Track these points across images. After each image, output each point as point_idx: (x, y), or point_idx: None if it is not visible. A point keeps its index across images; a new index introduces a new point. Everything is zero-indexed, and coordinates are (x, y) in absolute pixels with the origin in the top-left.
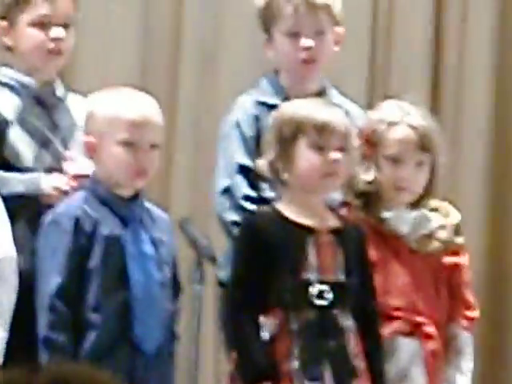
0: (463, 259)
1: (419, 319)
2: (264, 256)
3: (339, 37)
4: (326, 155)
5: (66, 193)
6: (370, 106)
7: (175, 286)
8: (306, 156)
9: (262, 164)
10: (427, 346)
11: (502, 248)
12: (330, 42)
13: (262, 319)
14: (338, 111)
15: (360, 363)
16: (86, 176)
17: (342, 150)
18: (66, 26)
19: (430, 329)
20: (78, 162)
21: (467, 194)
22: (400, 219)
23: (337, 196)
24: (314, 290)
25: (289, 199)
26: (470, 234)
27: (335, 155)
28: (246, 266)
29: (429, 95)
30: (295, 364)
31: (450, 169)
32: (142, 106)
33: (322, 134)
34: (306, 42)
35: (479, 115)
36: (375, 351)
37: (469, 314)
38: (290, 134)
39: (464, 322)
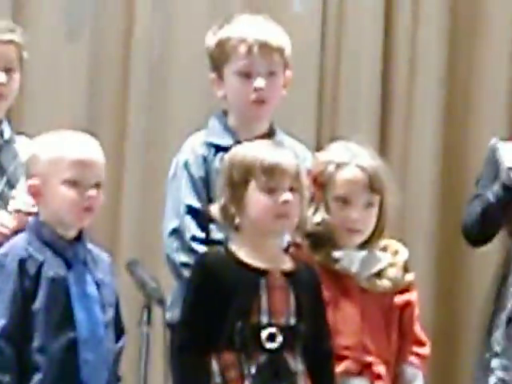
0: (413, 296)
1: (369, 359)
2: (215, 297)
3: (288, 80)
4: (277, 197)
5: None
6: (317, 147)
7: (118, 328)
8: (256, 199)
9: (214, 208)
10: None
11: (450, 287)
12: (281, 84)
13: (213, 364)
14: (287, 152)
15: None
16: (31, 214)
17: (292, 190)
18: (8, 70)
19: (380, 368)
20: (23, 199)
21: (415, 233)
22: (350, 258)
23: (286, 237)
24: (264, 333)
25: (241, 242)
26: (418, 271)
27: (286, 196)
28: (195, 306)
29: (377, 136)
30: None
31: (398, 208)
32: (84, 146)
33: (271, 176)
34: (258, 82)
35: (427, 157)
36: None
37: (420, 351)
38: (241, 178)
39: (414, 360)
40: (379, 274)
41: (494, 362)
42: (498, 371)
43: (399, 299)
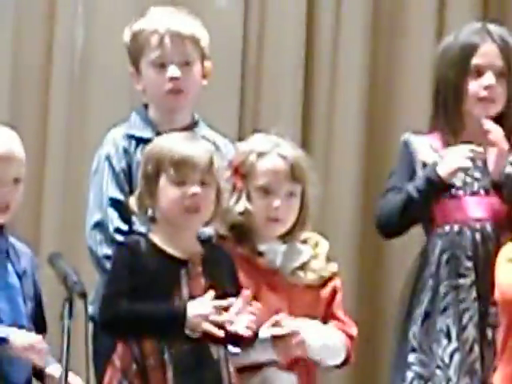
0: (337, 282)
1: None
2: (138, 279)
3: (207, 70)
4: (186, 190)
5: None
6: (240, 139)
7: (40, 322)
8: (166, 191)
9: (131, 200)
10: (304, 380)
11: (374, 277)
12: (198, 74)
13: (134, 350)
14: (200, 145)
15: None
16: None
17: (204, 184)
18: None
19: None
20: None
21: (338, 226)
22: (274, 252)
23: (209, 229)
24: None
25: (159, 232)
26: (339, 264)
27: (194, 189)
28: (119, 282)
29: (299, 129)
30: None
31: (320, 201)
32: (3, 141)
33: (180, 169)
34: (171, 71)
35: (349, 149)
36: None
37: (349, 329)
38: (153, 170)
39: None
40: (303, 267)
41: (411, 357)
42: (415, 366)
43: (325, 291)
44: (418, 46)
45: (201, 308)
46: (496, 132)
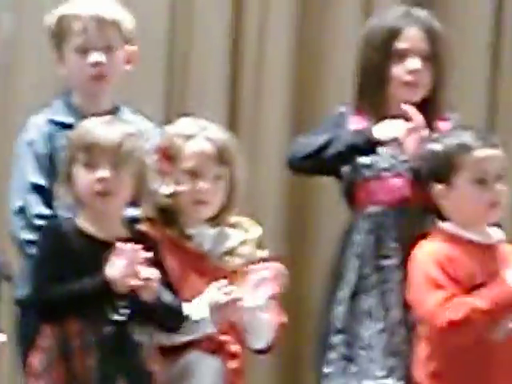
0: None
1: (223, 338)
2: (64, 262)
3: (131, 55)
4: (95, 174)
5: None
6: (166, 123)
7: None
8: (79, 176)
9: (56, 185)
10: (230, 364)
11: (300, 260)
12: (120, 59)
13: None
14: (113, 128)
15: (156, 379)
16: None
17: (116, 167)
18: None
19: (234, 347)
20: None
21: (266, 208)
22: (202, 236)
23: (135, 211)
24: (110, 304)
25: (82, 216)
26: (268, 247)
27: (102, 173)
28: (48, 268)
29: (226, 113)
30: (91, 379)
31: (248, 184)
32: None
33: (89, 153)
34: (94, 57)
35: (277, 134)
36: None
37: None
38: (69, 155)
39: None
40: (231, 252)
41: (335, 338)
42: (339, 347)
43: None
44: (345, 18)
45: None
46: (416, 117)
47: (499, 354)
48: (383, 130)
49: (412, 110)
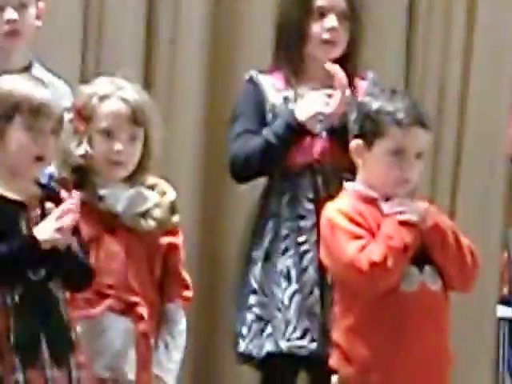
0: (179, 239)
1: (133, 299)
2: None
3: (41, 11)
4: (39, 138)
5: None
6: (82, 81)
7: None
8: (18, 136)
9: None
10: (139, 326)
11: (217, 221)
12: (33, 16)
13: None
14: (49, 92)
15: (75, 336)
16: None
17: (54, 132)
18: None
19: (143, 309)
20: None
21: (181, 170)
22: (115, 197)
23: (50, 171)
24: (28, 263)
25: None
26: (184, 210)
27: (46, 140)
28: None
29: (141, 73)
30: (12, 340)
31: (164, 145)
32: None
33: (37, 116)
34: (8, 14)
35: (192, 94)
36: None
37: (184, 293)
38: (4, 112)
39: (180, 301)
40: (145, 214)
41: (251, 299)
42: (255, 308)
43: (165, 240)
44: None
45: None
46: (340, 77)
47: (411, 306)
48: (305, 109)
49: (335, 69)
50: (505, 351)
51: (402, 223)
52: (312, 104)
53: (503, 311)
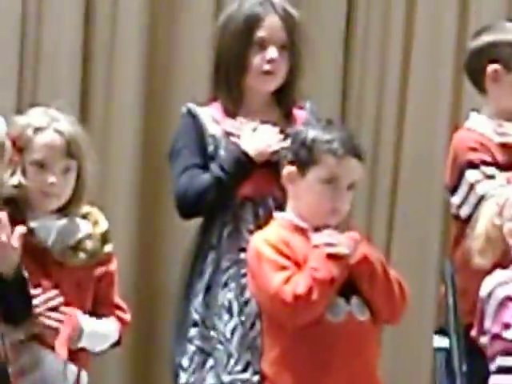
0: (112, 266)
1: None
2: None
3: None
4: None
5: None
6: (18, 112)
7: None
8: None
9: None
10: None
11: (154, 251)
12: None
13: None
14: None
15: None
16: None
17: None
18: None
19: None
20: None
21: (118, 201)
22: (46, 229)
23: None
24: None
25: None
26: (119, 240)
27: None
28: None
29: (77, 105)
30: None
31: (100, 175)
32: None
33: None
34: None
35: (128, 128)
36: None
37: (120, 314)
38: None
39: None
40: (76, 246)
41: (192, 331)
42: (197, 340)
43: (97, 271)
44: (197, 19)
45: None
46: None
47: (338, 337)
48: (257, 145)
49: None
50: (441, 382)
51: (330, 255)
52: (264, 140)
53: (439, 341)
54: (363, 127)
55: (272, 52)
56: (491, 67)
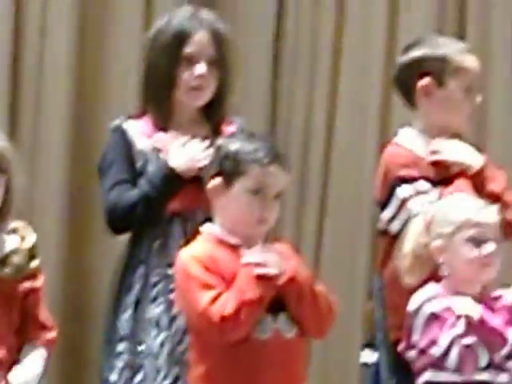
0: (38, 282)
1: None
2: None
3: None
4: None
5: None
6: None
7: None
8: None
9: None
10: None
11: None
12: None
13: None
14: None
15: None
16: None
17: None
18: None
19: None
20: None
21: (46, 217)
22: None
23: None
24: None
25: None
26: (48, 254)
27: None
28: None
29: (6, 121)
30: None
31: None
32: None
33: None
34: None
35: (56, 141)
36: None
37: (47, 336)
38: None
39: (39, 342)
40: (2, 261)
41: (120, 346)
42: (125, 355)
43: (23, 286)
44: (126, 32)
45: None
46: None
47: (265, 354)
48: (183, 159)
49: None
50: None
51: (259, 276)
52: (192, 153)
53: (366, 356)
54: (292, 140)
55: (200, 68)
56: (422, 81)
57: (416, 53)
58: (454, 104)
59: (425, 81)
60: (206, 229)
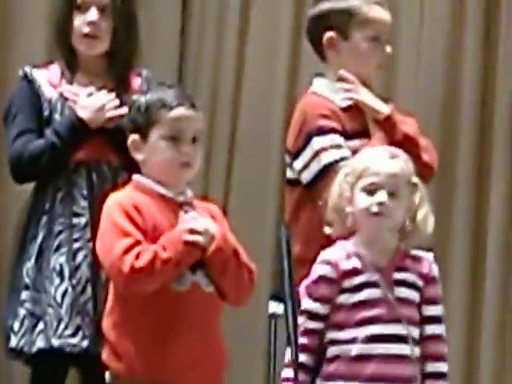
0: None
1: None
2: None
3: None
4: None
5: None
6: None
7: None
8: None
9: None
10: None
11: None
12: None
13: None
14: None
15: None
16: None
17: None
18: None
19: None
20: None
21: None
22: None
23: None
24: None
25: None
26: None
27: None
28: None
29: None
30: None
31: None
32: None
33: None
34: None
35: None
36: None
37: None
38: None
39: None
40: None
41: (24, 294)
42: (27, 304)
43: None
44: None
45: None
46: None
47: (185, 306)
48: (90, 109)
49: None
50: (275, 347)
51: (187, 241)
52: (98, 104)
53: (273, 307)
54: (201, 90)
55: (92, 14)
56: (327, 35)
57: (322, 6)
58: (361, 56)
59: (328, 35)
60: (137, 178)
